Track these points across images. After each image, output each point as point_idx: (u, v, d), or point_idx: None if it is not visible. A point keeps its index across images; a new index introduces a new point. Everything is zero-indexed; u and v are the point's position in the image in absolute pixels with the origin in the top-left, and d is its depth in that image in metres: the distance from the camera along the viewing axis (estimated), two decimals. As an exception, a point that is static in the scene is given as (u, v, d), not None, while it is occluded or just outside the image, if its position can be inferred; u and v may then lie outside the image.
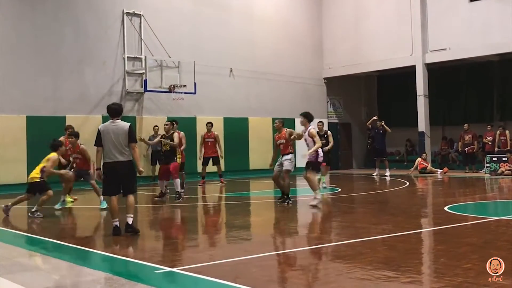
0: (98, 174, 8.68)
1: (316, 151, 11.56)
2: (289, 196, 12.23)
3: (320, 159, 11.72)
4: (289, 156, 12.19)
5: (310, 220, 10.91)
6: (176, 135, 13.40)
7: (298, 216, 11.59)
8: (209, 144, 17.34)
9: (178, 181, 13.11)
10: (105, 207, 11.50)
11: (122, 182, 8.50)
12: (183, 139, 14.59)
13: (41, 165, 11.07)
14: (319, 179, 14.49)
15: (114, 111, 8.63)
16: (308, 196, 14.57)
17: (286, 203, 12.04)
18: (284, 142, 12.38)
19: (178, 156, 13.38)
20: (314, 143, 11.55)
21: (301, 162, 23.71)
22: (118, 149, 8.37)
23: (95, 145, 8.60)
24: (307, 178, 11.66)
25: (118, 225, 8.37)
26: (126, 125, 8.56)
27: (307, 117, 11.85)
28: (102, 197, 11.71)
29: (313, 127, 11.98)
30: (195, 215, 11.72)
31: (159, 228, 10.14)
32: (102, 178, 8.68)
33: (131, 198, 8.59)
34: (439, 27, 21.91)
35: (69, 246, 7.98)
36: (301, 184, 17.40)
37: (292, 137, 12.37)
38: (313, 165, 11.63)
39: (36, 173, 11.00)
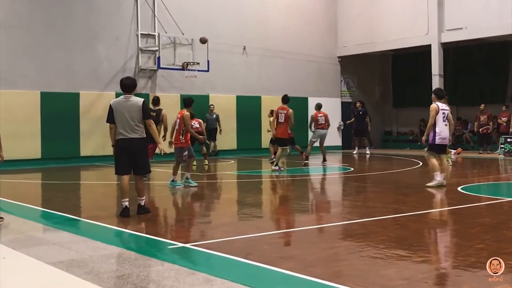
0: (114, 151, 8.37)
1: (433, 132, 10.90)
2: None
3: (438, 140, 10.87)
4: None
5: (322, 198, 10.92)
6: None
7: (310, 194, 11.60)
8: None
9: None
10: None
11: (134, 161, 8.13)
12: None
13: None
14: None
15: (127, 86, 8.21)
16: (313, 175, 14.59)
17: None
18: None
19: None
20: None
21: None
22: (131, 126, 7.98)
23: (107, 121, 8.21)
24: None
25: (128, 206, 8.05)
26: (140, 100, 8.14)
27: (437, 94, 11.22)
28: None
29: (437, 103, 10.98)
30: (204, 192, 11.76)
31: (172, 205, 10.22)
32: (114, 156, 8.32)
33: (140, 182, 8.27)
34: (456, 6, 21.56)
35: (82, 221, 8.07)
36: (315, 164, 17.38)
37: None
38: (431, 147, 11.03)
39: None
